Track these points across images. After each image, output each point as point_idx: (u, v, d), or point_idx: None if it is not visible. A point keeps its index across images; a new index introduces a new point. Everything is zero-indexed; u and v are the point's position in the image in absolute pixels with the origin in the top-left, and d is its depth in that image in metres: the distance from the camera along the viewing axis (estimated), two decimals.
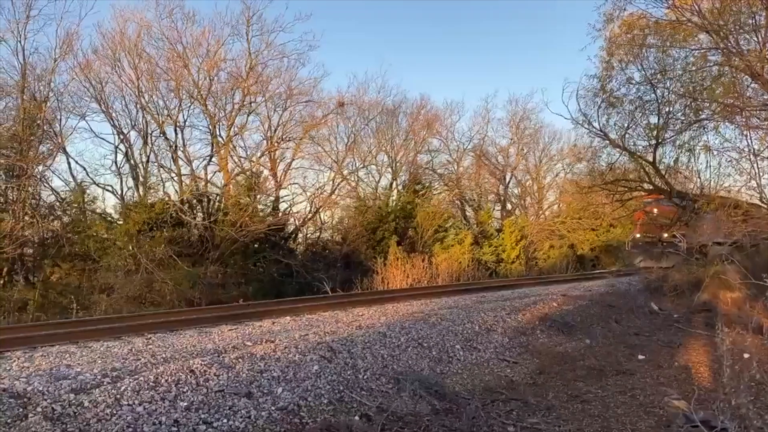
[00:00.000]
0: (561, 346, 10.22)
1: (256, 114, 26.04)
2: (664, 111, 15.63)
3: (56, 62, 21.55)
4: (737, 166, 15.03)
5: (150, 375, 5.44)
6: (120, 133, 23.51)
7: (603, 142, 16.85)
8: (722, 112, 13.85)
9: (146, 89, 23.35)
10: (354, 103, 29.95)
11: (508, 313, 11.05)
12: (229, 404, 5.38)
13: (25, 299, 16.44)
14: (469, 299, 12.67)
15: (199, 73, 23.95)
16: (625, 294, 15.90)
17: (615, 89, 15.82)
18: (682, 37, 13.70)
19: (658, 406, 6.83)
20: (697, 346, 10.26)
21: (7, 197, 19.16)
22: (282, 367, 6.30)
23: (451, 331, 9.27)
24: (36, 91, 20.84)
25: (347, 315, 9.98)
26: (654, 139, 15.92)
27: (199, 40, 24.23)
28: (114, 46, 23.23)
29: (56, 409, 4.64)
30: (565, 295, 13.88)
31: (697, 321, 12.58)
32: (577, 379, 8.13)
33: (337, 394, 6.26)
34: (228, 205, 22.82)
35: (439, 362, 8.14)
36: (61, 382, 5.15)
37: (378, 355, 7.48)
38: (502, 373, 8.32)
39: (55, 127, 21.76)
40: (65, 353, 6.69)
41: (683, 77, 14.58)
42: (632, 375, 8.42)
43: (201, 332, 8.26)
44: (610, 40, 14.88)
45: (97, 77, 22.69)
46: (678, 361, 9.26)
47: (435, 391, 6.85)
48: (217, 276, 20.43)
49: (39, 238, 19.45)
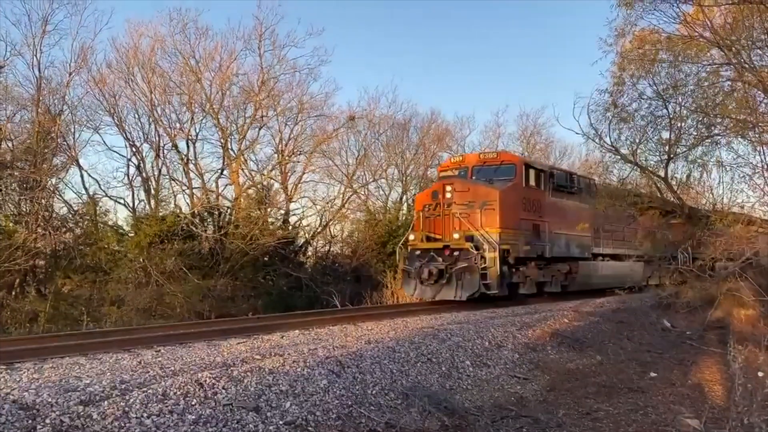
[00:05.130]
0: (572, 363, 10.13)
1: (268, 128, 26.26)
2: (676, 126, 15.51)
3: (71, 76, 21.92)
4: (750, 182, 14.89)
5: (159, 388, 5.43)
6: (132, 146, 23.80)
7: (614, 157, 16.73)
8: (735, 127, 13.74)
9: (159, 103, 23.66)
10: (365, 117, 30.07)
11: (518, 329, 10.97)
12: (237, 418, 5.35)
13: (36, 310, 16.52)
14: (479, 314, 12.60)
15: (212, 87, 24.23)
16: (637, 310, 15.75)
17: (626, 104, 15.70)
18: (694, 52, 13.64)
19: (671, 424, 6.73)
20: (710, 364, 10.14)
21: (20, 209, 19.34)
22: (290, 381, 6.27)
23: (461, 346, 9.20)
24: (51, 104, 21.18)
25: (356, 329, 9.94)
26: (666, 155, 15.82)
27: (211, 55, 24.57)
28: (128, 60, 23.61)
29: (65, 420, 4.63)
30: (576, 311, 13.77)
31: (710, 338, 12.44)
32: (588, 396, 8.05)
33: (346, 409, 6.22)
34: (239, 218, 22.93)
35: (448, 378, 8.08)
36: (70, 393, 5.15)
37: (387, 370, 7.43)
38: (512, 390, 8.24)
39: (68, 140, 22.12)
40: (75, 365, 6.70)
41: (695, 93, 14.48)
42: (644, 392, 8.32)
43: (210, 345, 8.25)
44: (622, 55, 14.81)
45: (110, 91, 23.05)
46: (691, 379, 9.15)
47: (444, 407, 6.80)
48: (227, 289, 20.48)
49: (51, 249, 19.59)
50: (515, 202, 15.14)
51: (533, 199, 15.91)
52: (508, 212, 14.63)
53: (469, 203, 14.59)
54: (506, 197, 14.71)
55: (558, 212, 16.88)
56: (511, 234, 14.74)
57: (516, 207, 15.12)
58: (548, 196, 16.54)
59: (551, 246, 16.24)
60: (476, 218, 14.32)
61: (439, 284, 14.12)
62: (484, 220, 14.30)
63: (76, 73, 22.06)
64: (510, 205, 14.82)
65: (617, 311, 14.97)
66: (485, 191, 14.75)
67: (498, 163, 15.92)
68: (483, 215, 14.32)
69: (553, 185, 16.73)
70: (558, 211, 16.88)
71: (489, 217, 14.36)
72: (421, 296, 14.80)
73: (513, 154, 20.05)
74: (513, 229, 14.85)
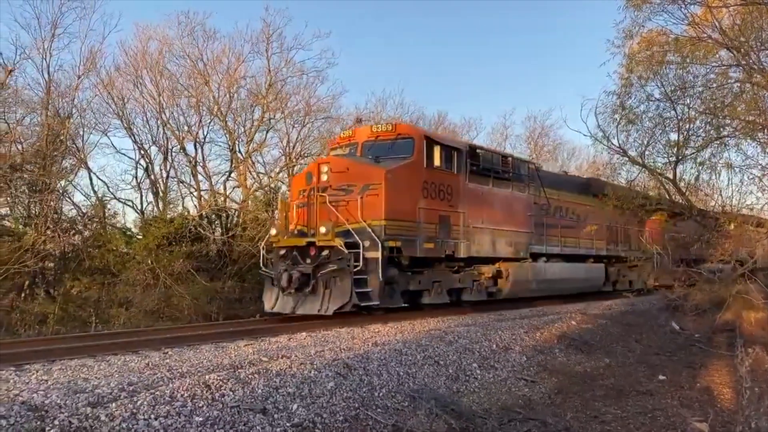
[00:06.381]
0: (580, 366, 10.09)
1: (275, 130, 26.23)
2: (685, 128, 15.44)
3: (80, 79, 21.96)
4: (760, 183, 14.82)
5: (166, 389, 5.45)
6: (141, 148, 23.87)
7: (622, 159, 16.70)
8: (744, 129, 13.70)
9: (167, 105, 23.71)
10: (372, 119, 30.06)
11: (525, 332, 10.95)
12: (244, 420, 5.36)
13: (45, 312, 16.59)
14: (486, 317, 12.57)
15: (220, 89, 24.25)
16: (646, 313, 15.70)
17: (634, 106, 15.66)
18: (702, 53, 13.60)
19: (679, 427, 6.69)
20: (719, 367, 10.08)
21: (30, 211, 19.45)
22: (297, 383, 6.28)
23: (468, 349, 9.19)
24: (60, 107, 21.24)
25: (363, 331, 9.94)
26: (674, 156, 15.76)
27: (219, 58, 24.58)
28: (136, 63, 23.69)
29: (73, 422, 4.65)
30: (584, 314, 13.72)
31: (720, 341, 12.37)
32: (596, 399, 8.02)
33: (353, 412, 6.22)
34: (246, 221, 22.95)
35: (455, 380, 8.07)
36: (78, 395, 5.18)
37: (394, 373, 7.43)
38: (519, 392, 8.22)
39: (77, 142, 22.18)
40: (83, 367, 6.73)
41: (704, 94, 14.44)
42: (652, 395, 8.29)
43: (217, 347, 8.28)
44: (629, 56, 14.78)
45: (119, 94, 23.12)
46: (699, 382, 9.10)
47: (451, 410, 6.79)
48: (235, 291, 20.50)
49: (60, 252, 19.68)
50: (411, 186, 12.06)
51: (441, 184, 12.72)
52: (398, 198, 11.66)
53: (348, 187, 11.63)
54: (396, 179, 11.67)
55: (480, 201, 13.83)
56: (405, 227, 11.77)
57: (412, 192, 12.05)
58: (464, 180, 13.43)
59: (468, 243, 13.28)
60: (356, 206, 11.32)
61: (304, 293, 11.10)
62: (366, 209, 11.27)
63: (84, 77, 22.18)
64: (402, 189, 11.78)
65: (625, 313, 14.92)
66: (368, 171, 11.78)
67: (392, 138, 12.65)
68: (364, 202, 11.32)
69: (475, 168, 13.70)
70: (480, 201, 13.84)
71: (372, 205, 11.35)
72: (282, 310, 11.45)
73: (412, 126, 16.79)
74: (407, 220, 11.83)
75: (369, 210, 11.30)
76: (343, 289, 10.84)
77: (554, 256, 16.67)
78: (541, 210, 16.08)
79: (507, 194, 14.86)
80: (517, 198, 15.19)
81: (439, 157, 12.82)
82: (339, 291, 10.88)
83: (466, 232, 13.25)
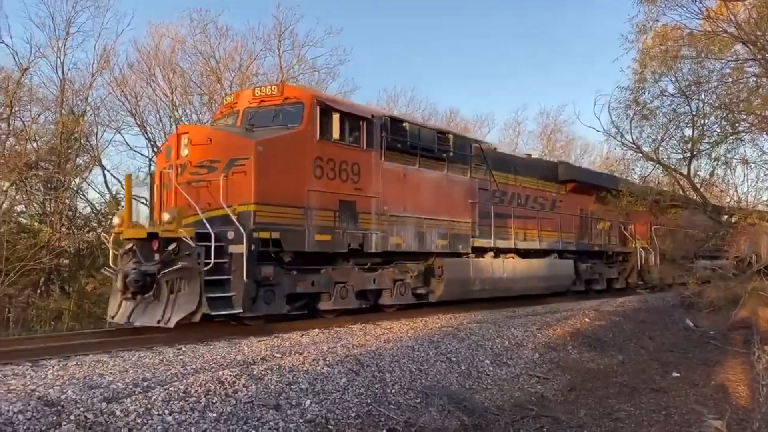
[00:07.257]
0: (593, 363, 10.05)
1: None
2: (699, 123, 15.29)
3: (94, 77, 22.22)
4: None
5: (180, 385, 5.49)
6: (154, 146, 23.99)
7: (636, 155, 16.56)
8: (760, 124, 13.56)
9: (180, 103, 23.89)
10: None
11: (538, 329, 10.90)
12: (257, 416, 5.39)
13: (60, 309, 16.76)
14: (498, 314, 12.52)
15: (232, 87, 24.31)
16: (660, 310, 15.60)
17: (648, 101, 15.53)
18: (717, 48, 13.47)
19: (694, 425, 6.65)
20: (734, 365, 10.00)
21: (45, 209, 19.64)
22: (310, 379, 6.30)
23: (481, 345, 9.18)
24: (74, 105, 21.45)
25: (376, 328, 9.94)
26: (689, 152, 15.61)
27: (231, 55, 24.74)
28: (149, 61, 23.90)
29: (89, 417, 4.70)
30: (597, 311, 13.65)
31: (735, 338, 12.27)
32: (609, 397, 7.98)
33: (365, 408, 6.24)
34: None
35: (467, 377, 8.06)
36: (93, 390, 5.23)
37: (406, 369, 7.43)
38: (532, 389, 8.20)
39: (91, 140, 22.38)
40: (98, 362, 6.79)
41: (719, 89, 14.30)
42: (666, 393, 8.23)
43: (231, 343, 8.32)
44: (643, 51, 14.66)
45: (132, 92, 23.33)
46: (714, 380, 9.03)
47: (464, 407, 6.79)
48: None
49: (75, 248, 19.85)
50: (296, 163, 9.63)
51: (344, 162, 10.33)
52: (276, 177, 9.27)
53: (211, 164, 9.27)
54: (271, 153, 9.26)
55: (402, 185, 11.50)
56: (286, 213, 9.44)
57: (298, 170, 9.63)
58: (378, 158, 11.01)
59: (384, 235, 10.97)
60: (218, 187, 8.93)
61: (147, 299, 8.74)
62: (231, 191, 8.94)
63: (98, 75, 22.41)
64: (281, 167, 9.37)
65: (639, 310, 14.82)
66: (235, 143, 9.45)
67: (279, 102, 10.26)
68: (229, 182, 8.96)
69: (396, 144, 11.36)
70: (402, 184, 11.50)
71: (238, 185, 9.03)
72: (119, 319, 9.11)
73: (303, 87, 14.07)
74: (289, 205, 9.49)
75: (235, 192, 8.97)
76: (189, 294, 8.49)
77: (506, 251, 14.32)
78: (493, 197, 13.95)
79: (441, 177, 12.45)
80: (455, 182, 12.79)
81: (338, 128, 10.23)
82: (184, 297, 8.52)
83: (381, 222, 10.95)
